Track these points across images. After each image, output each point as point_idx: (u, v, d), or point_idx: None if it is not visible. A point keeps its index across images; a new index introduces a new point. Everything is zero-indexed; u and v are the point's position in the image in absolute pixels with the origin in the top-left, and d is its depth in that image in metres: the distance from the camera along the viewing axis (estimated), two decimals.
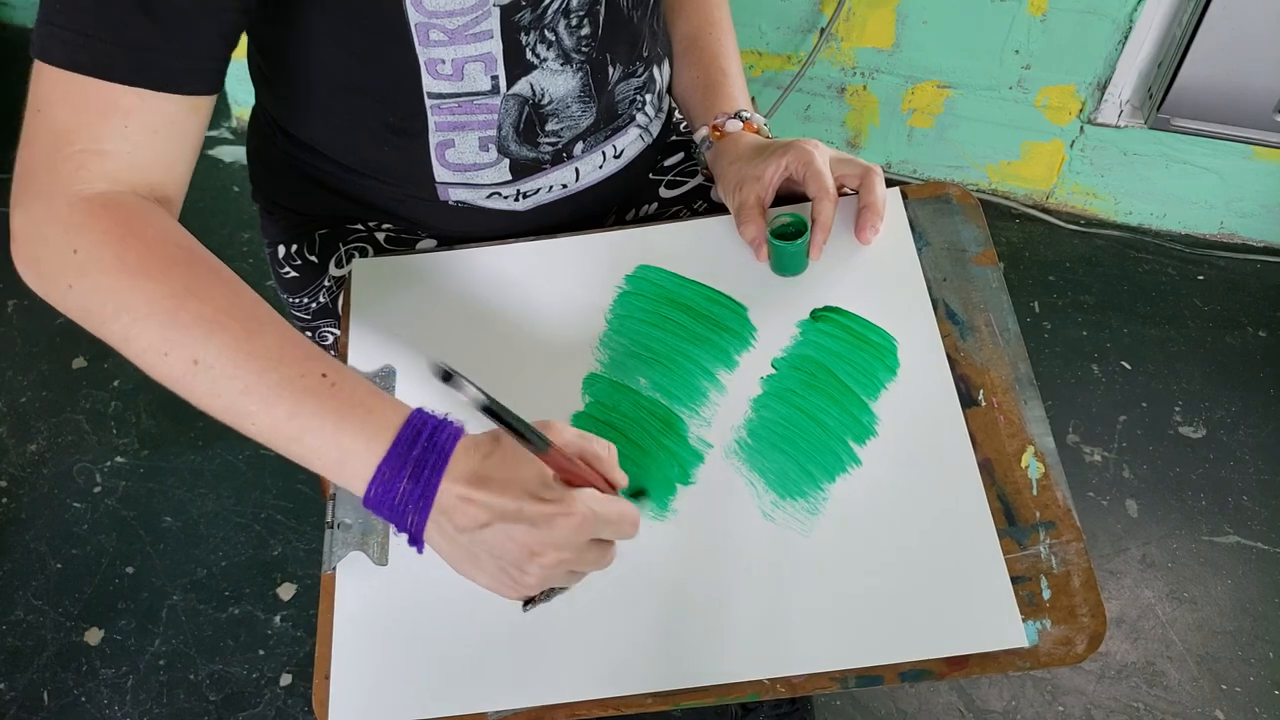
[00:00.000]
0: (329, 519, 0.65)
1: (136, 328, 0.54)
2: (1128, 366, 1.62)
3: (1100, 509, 1.44)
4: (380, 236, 0.83)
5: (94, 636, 1.32)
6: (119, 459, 1.48)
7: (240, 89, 1.88)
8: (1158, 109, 1.55)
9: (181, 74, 0.57)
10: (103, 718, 1.25)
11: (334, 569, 0.64)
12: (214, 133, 1.93)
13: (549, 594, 0.57)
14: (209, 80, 0.59)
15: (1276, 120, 1.52)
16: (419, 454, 0.52)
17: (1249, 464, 1.50)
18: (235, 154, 1.89)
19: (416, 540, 0.53)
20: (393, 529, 0.65)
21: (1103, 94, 1.61)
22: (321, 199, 0.82)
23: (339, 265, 0.82)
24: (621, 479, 0.57)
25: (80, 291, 0.55)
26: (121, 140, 0.56)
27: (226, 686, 1.28)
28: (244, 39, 0.74)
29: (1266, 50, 1.43)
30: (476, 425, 0.54)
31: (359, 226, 0.83)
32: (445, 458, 0.52)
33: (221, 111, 1.95)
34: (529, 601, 0.57)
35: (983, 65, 1.62)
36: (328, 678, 0.61)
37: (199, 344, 0.53)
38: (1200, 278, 1.74)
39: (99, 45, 0.54)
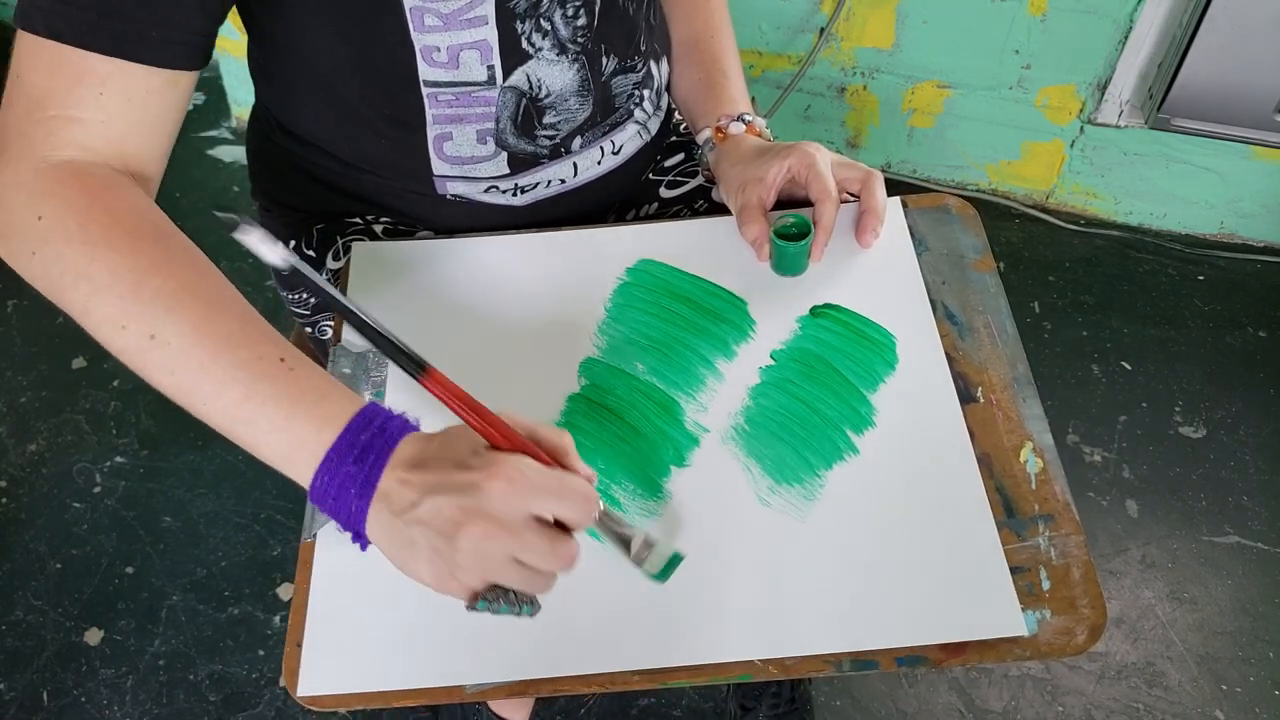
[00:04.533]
0: None
1: (96, 299, 0.53)
2: (1128, 366, 1.62)
3: (1100, 509, 1.44)
4: (378, 229, 0.83)
5: (94, 636, 1.32)
6: (119, 459, 1.48)
7: (240, 89, 1.88)
8: (1158, 109, 1.55)
9: (159, 46, 0.56)
10: (102, 718, 1.25)
11: (314, 537, 0.64)
12: (214, 133, 1.93)
13: (500, 596, 0.51)
14: (188, 55, 0.58)
15: (1276, 120, 1.52)
16: (366, 440, 0.51)
17: (1249, 464, 1.50)
18: (235, 154, 1.89)
19: (359, 533, 0.51)
20: None
21: (1103, 94, 1.61)
22: (319, 195, 0.82)
23: (336, 258, 0.83)
24: (585, 470, 0.52)
25: (42, 259, 0.54)
26: (96, 109, 0.55)
27: (226, 686, 1.28)
28: (244, 37, 0.75)
29: (1266, 50, 1.43)
30: (433, 424, 0.53)
31: (356, 220, 0.84)
32: (392, 443, 0.51)
33: (221, 111, 1.95)
34: (477, 598, 0.50)
35: (983, 65, 1.62)
36: (300, 645, 0.60)
37: (158, 320, 0.52)
38: (1200, 278, 1.74)
39: (77, 13, 0.54)
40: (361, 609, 0.62)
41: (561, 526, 0.50)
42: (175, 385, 0.53)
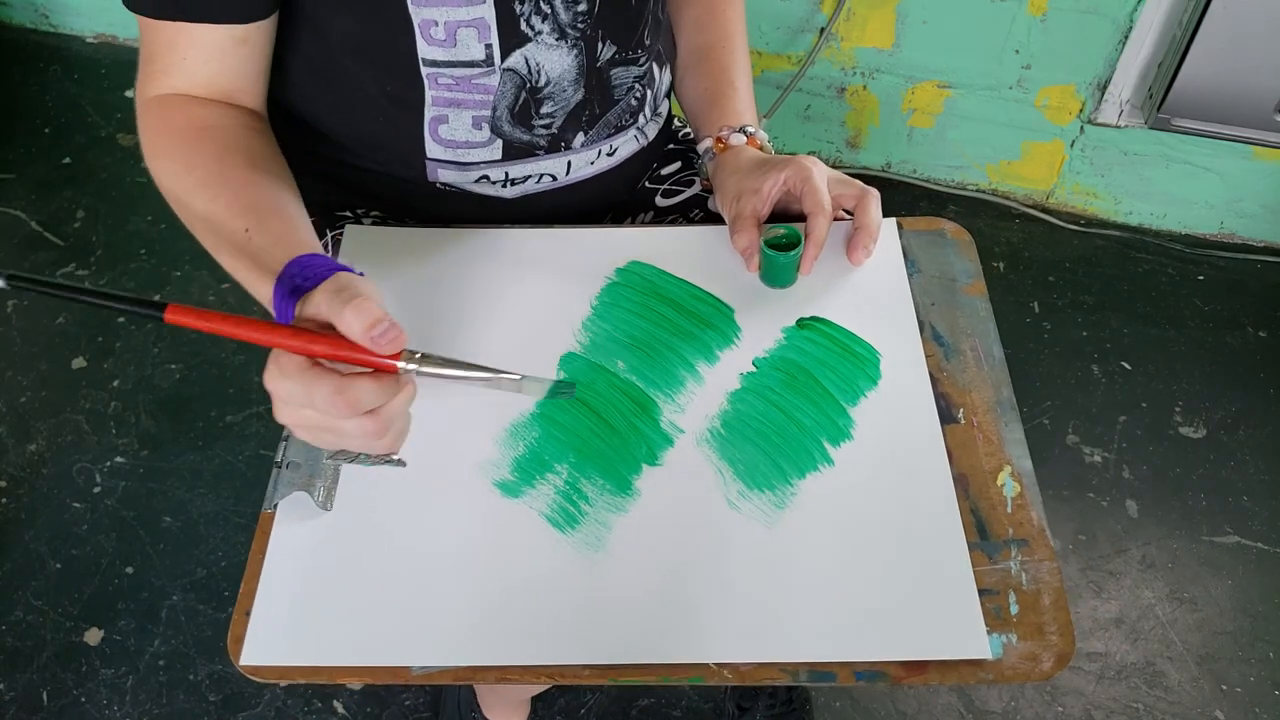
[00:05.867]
0: (278, 458, 0.66)
1: (167, 194, 0.68)
2: (1128, 366, 1.62)
3: (1100, 509, 1.44)
4: (367, 223, 0.84)
5: (94, 636, 1.32)
6: (119, 459, 1.47)
7: None
8: (1158, 109, 1.55)
9: (215, 10, 0.65)
10: (102, 718, 1.25)
11: (275, 507, 0.64)
12: None
13: (351, 456, 0.57)
14: (242, 12, 0.66)
15: (1276, 120, 1.52)
16: (280, 296, 0.57)
17: (1249, 464, 1.50)
18: None
19: None
20: (342, 474, 0.66)
21: (1103, 94, 1.61)
22: (312, 186, 0.83)
23: (325, 250, 0.83)
24: (358, 322, 0.50)
25: (149, 167, 0.69)
26: (182, 66, 0.68)
27: (226, 686, 1.28)
28: None
29: (1266, 50, 1.43)
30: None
31: (346, 213, 0.84)
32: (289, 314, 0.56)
33: None
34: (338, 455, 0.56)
35: (983, 65, 1.63)
36: (248, 614, 0.60)
37: (187, 211, 0.66)
38: (1200, 278, 1.74)
39: None
40: (314, 584, 0.61)
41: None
42: (210, 251, 0.66)
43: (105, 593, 1.35)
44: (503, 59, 0.71)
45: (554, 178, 0.81)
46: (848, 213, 0.77)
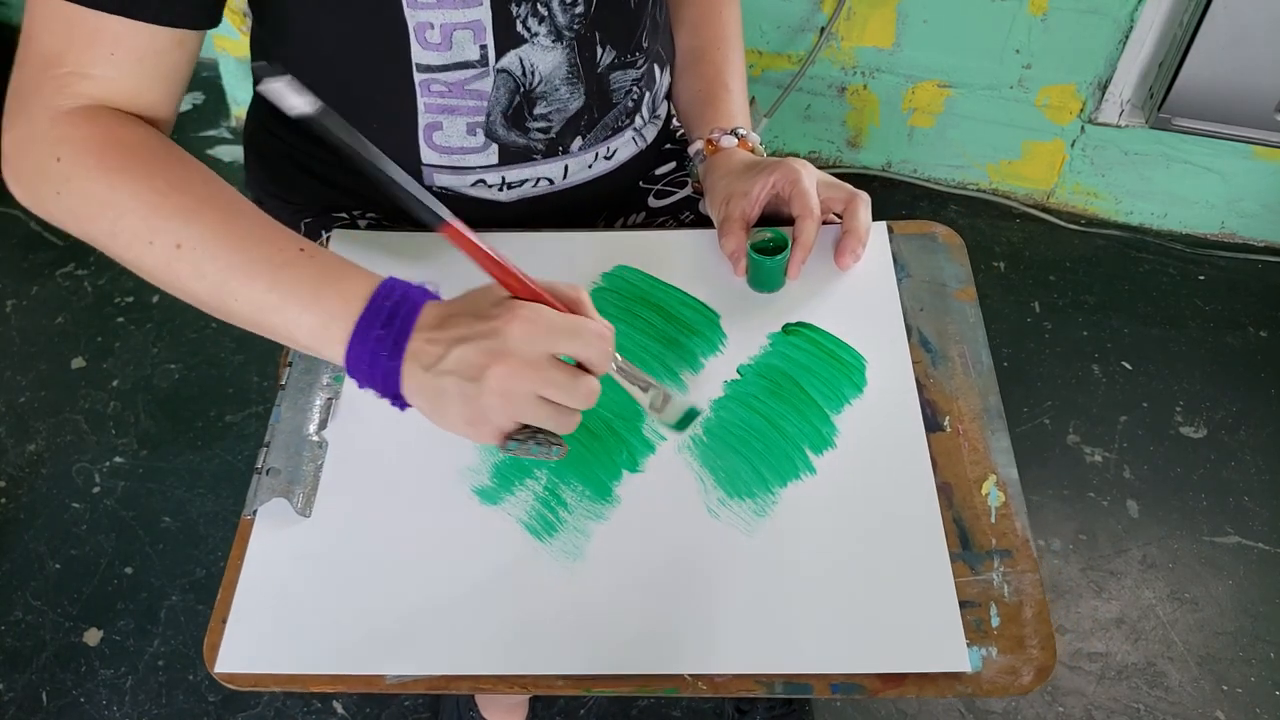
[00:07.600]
0: (258, 464, 0.65)
1: (122, 222, 0.57)
2: (1128, 366, 1.62)
3: (1100, 509, 1.44)
4: (363, 224, 0.84)
5: (93, 637, 1.31)
6: (118, 459, 1.47)
7: (240, 89, 1.88)
8: (1158, 108, 1.55)
9: (167, 6, 0.59)
10: (102, 718, 1.25)
11: (254, 514, 0.64)
12: (214, 132, 1.93)
13: (530, 437, 0.55)
14: (193, 16, 0.61)
15: (1277, 120, 1.52)
16: (391, 306, 0.55)
17: (1250, 464, 1.50)
18: (235, 154, 1.89)
19: (396, 394, 0.55)
20: (322, 481, 0.64)
21: (1103, 93, 1.61)
22: (308, 187, 0.83)
23: None
24: (600, 319, 0.56)
25: (66, 196, 0.58)
26: (108, 66, 0.59)
27: (225, 687, 1.28)
28: (244, 36, 0.75)
29: (1266, 50, 1.43)
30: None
31: (342, 215, 0.84)
32: (415, 308, 0.55)
33: (221, 111, 1.95)
34: (508, 440, 0.55)
35: (983, 65, 1.62)
36: (225, 622, 0.60)
37: (182, 230, 0.56)
38: (1201, 278, 1.74)
39: None
40: (291, 591, 0.61)
41: (585, 370, 0.55)
42: (205, 289, 0.57)
43: (105, 593, 1.35)
44: (497, 59, 0.71)
45: (551, 181, 0.81)
46: (838, 216, 0.76)
